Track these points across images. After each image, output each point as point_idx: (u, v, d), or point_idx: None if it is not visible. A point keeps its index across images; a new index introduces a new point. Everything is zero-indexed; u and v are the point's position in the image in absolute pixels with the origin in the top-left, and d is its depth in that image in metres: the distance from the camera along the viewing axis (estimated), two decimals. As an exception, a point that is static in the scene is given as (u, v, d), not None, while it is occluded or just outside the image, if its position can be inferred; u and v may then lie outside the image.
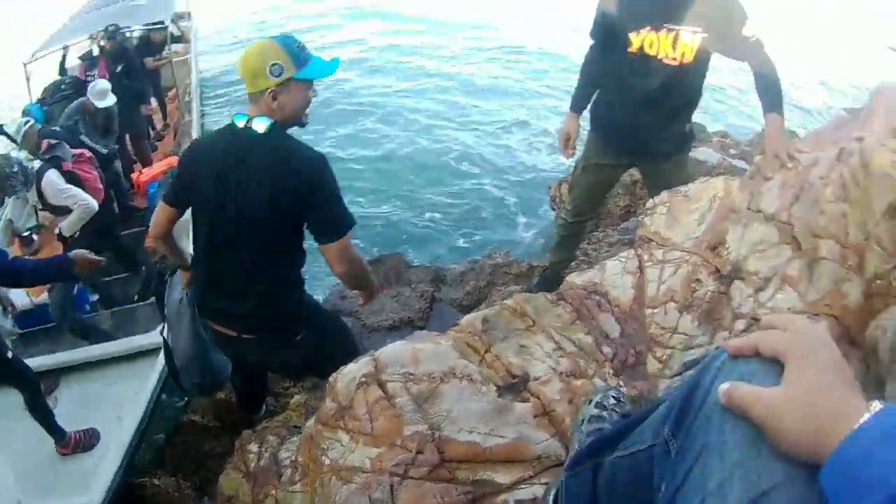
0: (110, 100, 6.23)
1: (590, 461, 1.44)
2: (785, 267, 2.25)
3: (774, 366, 0.89)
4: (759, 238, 2.41)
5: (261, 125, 2.38)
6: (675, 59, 2.89)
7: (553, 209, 6.37)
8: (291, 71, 2.33)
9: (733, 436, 0.87)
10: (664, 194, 2.86)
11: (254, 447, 2.59)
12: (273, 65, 2.31)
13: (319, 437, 2.07)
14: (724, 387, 0.89)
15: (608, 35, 3.08)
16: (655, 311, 2.42)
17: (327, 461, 2.01)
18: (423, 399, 1.97)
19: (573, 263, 4.10)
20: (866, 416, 0.78)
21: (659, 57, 2.91)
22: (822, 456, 0.78)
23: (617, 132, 3.29)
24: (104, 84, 6.41)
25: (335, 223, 2.50)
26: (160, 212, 2.76)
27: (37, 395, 3.83)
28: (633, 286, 2.48)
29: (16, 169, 4.45)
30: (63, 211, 4.61)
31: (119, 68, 7.31)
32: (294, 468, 2.29)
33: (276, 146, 2.42)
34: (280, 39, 2.38)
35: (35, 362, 4.40)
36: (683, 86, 3.07)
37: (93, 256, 3.24)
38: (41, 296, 4.92)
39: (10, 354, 3.62)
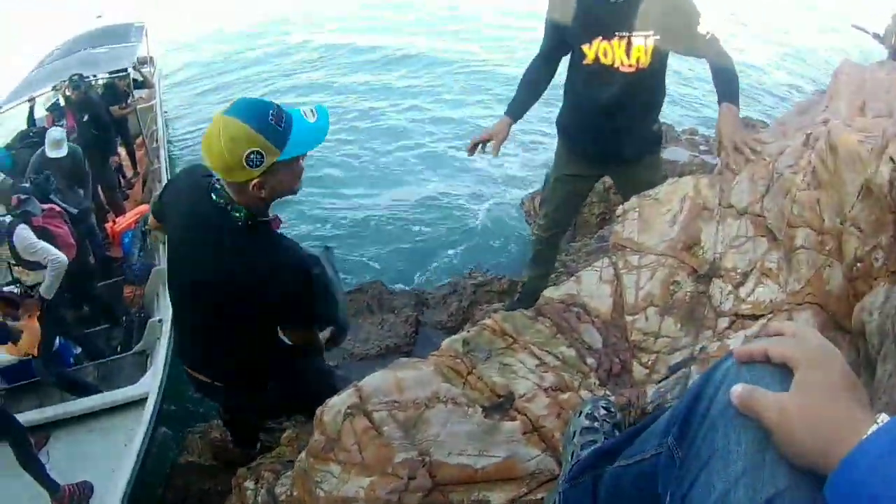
0: (64, 149, 6.14)
1: (591, 472, 1.46)
2: (762, 260, 2.29)
3: (783, 373, 0.90)
4: (733, 233, 2.45)
5: (238, 214, 2.05)
6: (630, 65, 2.91)
7: (528, 223, 6.40)
8: (274, 154, 1.88)
9: (738, 445, 0.88)
10: (634, 199, 2.87)
11: (250, 484, 2.58)
12: (250, 154, 1.86)
13: (312, 470, 2.06)
14: (737, 388, 0.90)
15: (559, 47, 3.14)
16: (636, 317, 2.44)
17: (321, 493, 2.00)
18: (410, 425, 1.97)
19: (552, 276, 4.12)
20: (873, 427, 0.79)
21: (615, 66, 2.93)
22: (827, 466, 0.79)
23: (584, 142, 3.31)
24: (58, 133, 6.29)
25: (306, 319, 2.32)
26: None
27: (26, 447, 3.80)
28: (611, 295, 2.50)
29: None
30: (36, 266, 4.58)
31: (86, 118, 7.27)
32: (290, 502, 2.29)
33: (255, 248, 2.10)
34: (251, 118, 1.87)
35: (23, 418, 4.33)
36: (644, 89, 3.09)
37: None
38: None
39: None
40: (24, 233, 4.39)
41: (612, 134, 3.17)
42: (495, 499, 1.89)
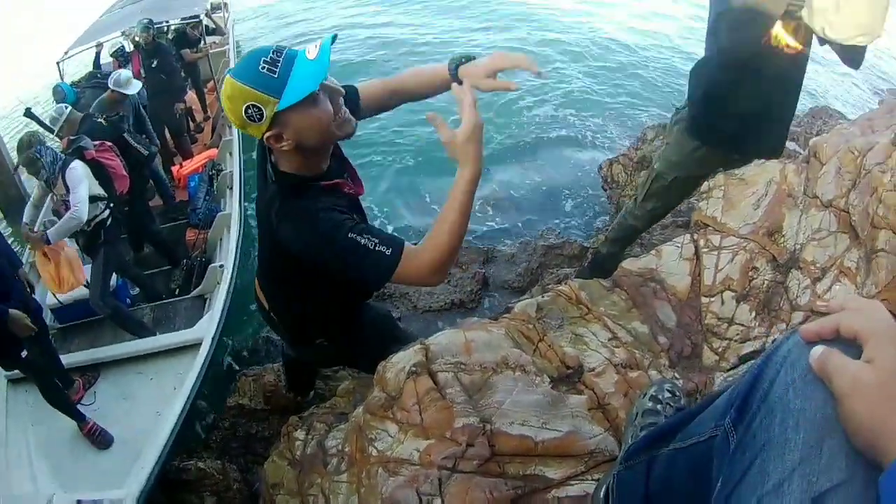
0: (136, 87, 6.08)
1: (645, 454, 1.40)
2: (842, 257, 2.17)
3: (851, 349, 0.85)
4: (816, 225, 2.33)
5: (271, 171, 1.99)
6: (794, 48, 2.70)
7: (604, 189, 6.25)
8: (271, 104, 1.76)
9: (795, 433, 0.85)
10: (720, 176, 2.74)
11: (300, 434, 2.56)
12: (247, 109, 1.78)
13: (367, 427, 2.02)
14: (816, 349, 0.87)
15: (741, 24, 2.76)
16: (712, 300, 2.34)
17: (374, 452, 1.97)
18: (474, 390, 1.91)
19: None
20: None
21: (781, 46, 2.70)
22: (886, 449, 0.76)
23: (735, 138, 3.02)
24: (127, 71, 6.26)
25: (362, 272, 1.89)
26: None
27: (47, 381, 3.94)
28: (690, 273, 2.39)
29: (48, 145, 4.48)
30: (93, 199, 4.56)
31: (154, 63, 7.28)
32: (341, 458, 2.25)
33: (280, 205, 1.97)
34: (242, 73, 1.80)
35: (74, 357, 4.50)
36: (799, 73, 2.90)
37: (28, 325, 3.47)
38: (74, 291, 4.90)
39: (23, 354, 3.73)
40: (76, 170, 4.40)
41: (769, 119, 2.96)
42: (550, 475, 1.82)
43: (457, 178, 1.81)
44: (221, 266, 5.26)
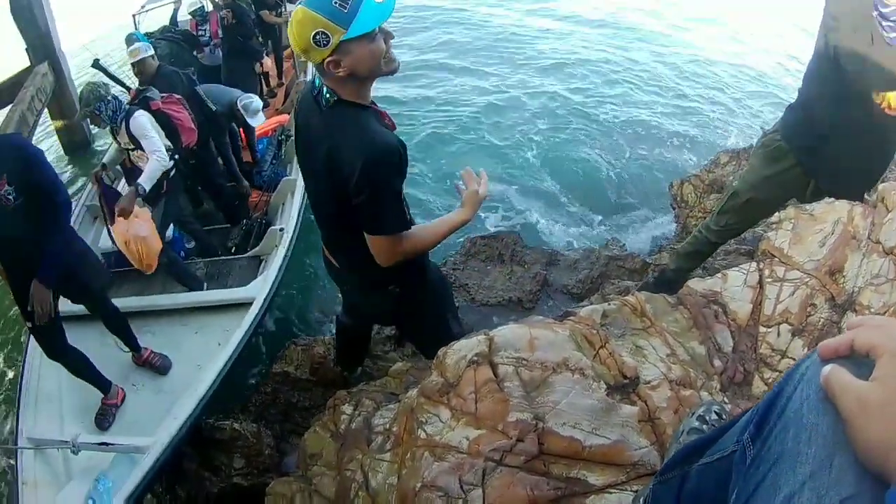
0: (260, 119, 6.16)
1: (679, 469, 1.42)
2: (896, 306, 2.15)
3: (867, 366, 0.83)
4: (875, 270, 2.33)
5: (329, 97, 2.20)
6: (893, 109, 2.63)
7: (673, 207, 6.23)
8: (339, 33, 2.00)
9: (808, 447, 0.85)
10: (790, 209, 2.74)
11: (348, 408, 2.61)
12: (316, 35, 2.01)
13: (419, 409, 2.06)
14: (826, 368, 0.86)
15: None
16: (769, 330, 2.34)
17: (423, 435, 2.01)
18: (532, 387, 1.94)
19: None
20: None
21: (882, 106, 2.64)
22: (891, 468, 0.75)
23: (829, 162, 2.96)
24: (258, 103, 6.18)
25: (376, 220, 2.26)
26: None
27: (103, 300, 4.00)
28: (752, 301, 2.40)
29: (110, 98, 4.44)
30: None
31: (232, 24, 7.34)
32: (386, 436, 2.30)
33: (338, 124, 2.21)
34: (313, 3, 2.02)
35: (123, 303, 4.48)
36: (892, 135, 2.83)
37: (45, 309, 3.31)
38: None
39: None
40: (140, 119, 4.39)
41: (856, 167, 2.91)
42: (592, 480, 1.85)
43: (455, 216, 2.41)
44: (282, 229, 5.21)
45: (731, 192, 3.37)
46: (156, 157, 4.34)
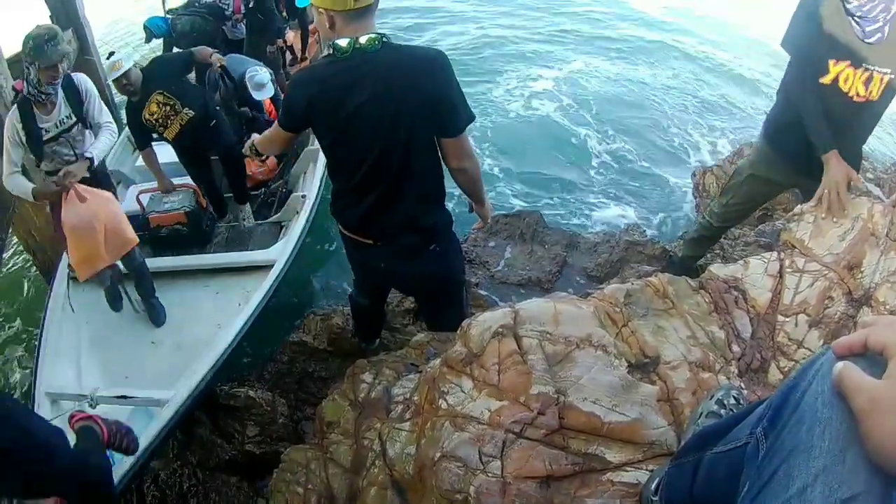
0: (269, 90, 5.86)
1: (693, 454, 1.45)
2: (912, 304, 2.17)
3: (880, 365, 0.85)
4: (893, 268, 2.37)
5: (380, 40, 2.33)
6: (863, 97, 2.81)
7: (695, 196, 6.29)
8: None
9: (821, 440, 0.86)
10: (812, 202, 2.77)
11: (368, 377, 2.64)
12: None
13: (441, 379, 2.09)
14: (838, 365, 0.87)
15: (808, 54, 2.91)
16: (787, 319, 2.37)
17: (444, 405, 2.03)
18: (555, 360, 1.97)
19: (707, 255, 4.09)
20: None
21: (850, 94, 2.82)
22: None
23: (798, 154, 3.11)
24: (261, 76, 5.88)
25: (459, 113, 2.45)
26: (277, 134, 2.72)
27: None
28: (771, 289, 2.42)
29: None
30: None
31: (251, 3, 7.18)
32: (406, 406, 2.33)
33: (399, 54, 2.38)
34: None
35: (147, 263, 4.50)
36: (865, 119, 2.98)
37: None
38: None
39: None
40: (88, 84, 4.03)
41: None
42: (610, 457, 1.87)
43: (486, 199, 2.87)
44: (304, 196, 5.26)
45: (734, 171, 3.53)
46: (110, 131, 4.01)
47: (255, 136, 2.93)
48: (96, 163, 3.85)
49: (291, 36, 8.39)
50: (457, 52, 11.17)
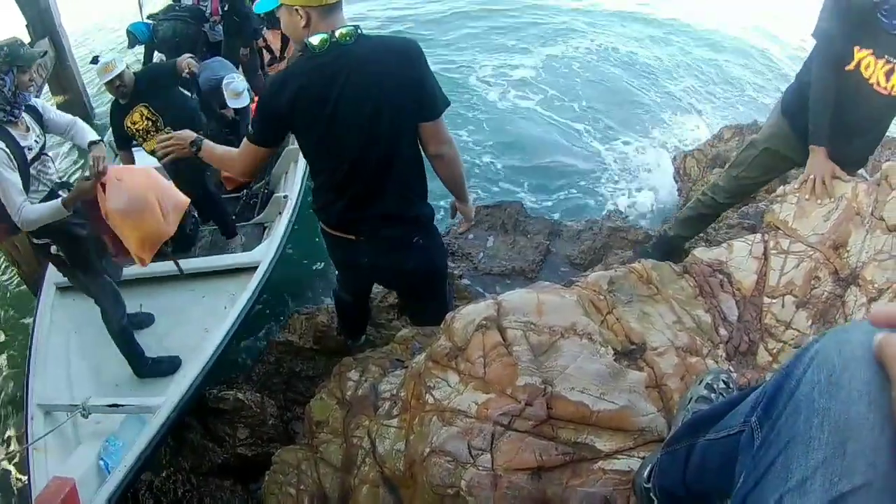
0: (245, 99, 5.76)
1: (685, 441, 1.44)
2: (899, 282, 2.17)
3: None
4: (879, 246, 2.36)
5: (355, 33, 2.34)
6: (885, 88, 2.80)
7: (675, 180, 6.29)
8: None
9: (820, 432, 0.85)
10: (795, 184, 2.76)
11: (354, 375, 2.63)
12: None
13: (427, 374, 2.07)
14: (879, 335, 0.84)
15: (835, 42, 2.90)
16: (773, 301, 2.37)
17: (431, 400, 2.02)
18: (541, 351, 1.95)
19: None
20: None
21: (871, 82, 2.81)
22: None
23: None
24: (237, 84, 5.80)
25: (437, 97, 2.47)
26: (250, 154, 2.60)
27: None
28: (756, 272, 2.42)
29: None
30: None
31: (227, 7, 7.03)
32: (393, 402, 2.31)
33: (375, 44, 2.40)
34: None
35: (131, 270, 4.39)
36: (883, 112, 2.98)
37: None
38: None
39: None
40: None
41: (843, 138, 2.96)
42: (600, 446, 1.86)
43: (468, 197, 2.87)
44: (286, 196, 5.29)
45: (747, 144, 3.49)
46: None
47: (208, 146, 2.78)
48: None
49: (271, 36, 8.37)
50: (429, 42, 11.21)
